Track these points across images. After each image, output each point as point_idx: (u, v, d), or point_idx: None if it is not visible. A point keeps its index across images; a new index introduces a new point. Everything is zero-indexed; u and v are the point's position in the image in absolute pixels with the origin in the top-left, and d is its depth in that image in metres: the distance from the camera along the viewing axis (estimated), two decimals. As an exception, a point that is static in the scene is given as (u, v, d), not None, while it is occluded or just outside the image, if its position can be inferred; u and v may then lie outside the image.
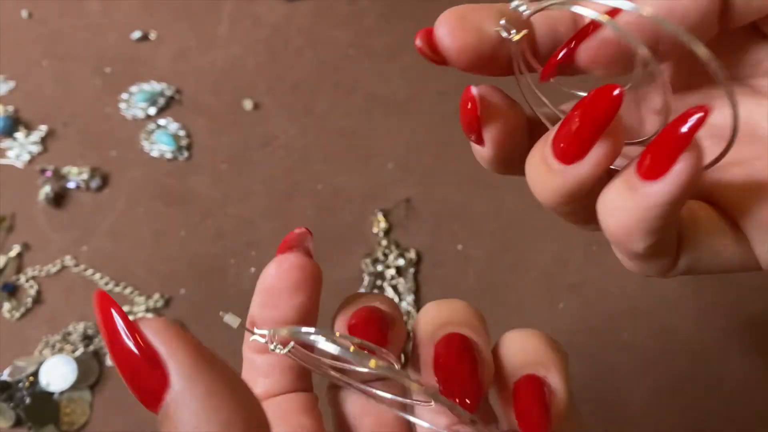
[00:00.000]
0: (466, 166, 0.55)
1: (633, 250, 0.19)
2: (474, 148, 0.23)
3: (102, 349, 0.49)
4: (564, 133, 0.18)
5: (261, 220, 0.53)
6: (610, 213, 0.19)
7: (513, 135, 0.22)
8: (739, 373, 0.47)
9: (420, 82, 0.58)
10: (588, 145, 0.18)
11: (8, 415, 0.46)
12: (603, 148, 0.18)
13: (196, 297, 0.51)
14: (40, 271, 0.52)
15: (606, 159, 0.18)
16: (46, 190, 0.53)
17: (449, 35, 0.20)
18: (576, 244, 0.51)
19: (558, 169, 0.19)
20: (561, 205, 0.21)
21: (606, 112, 0.17)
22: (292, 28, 0.61)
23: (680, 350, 0.48)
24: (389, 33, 0.60)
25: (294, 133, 0.56)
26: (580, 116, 0.18)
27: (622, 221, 0.18)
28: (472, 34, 0.20)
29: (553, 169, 0.19)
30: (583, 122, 0.18)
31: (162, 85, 0.58)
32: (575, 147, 0.18)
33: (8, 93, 0.58)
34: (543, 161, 0.20)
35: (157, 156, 0.55)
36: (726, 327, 0.49)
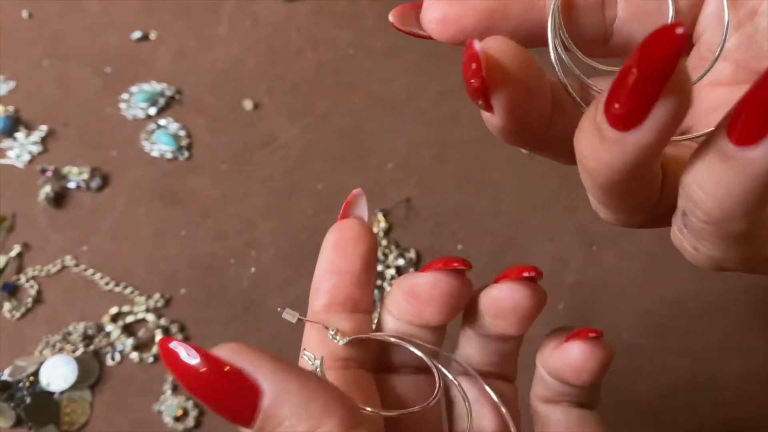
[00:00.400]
0: (466, 166, 0.55)
1: (731, 231, 0.16)
2: (483, 115, 0.19)
3: (102, 349, 0.49)
4: (618, 92, 0.15)
5: (261, 220, 0.53)
6: (707, 191, 0.16)
7: (530, 100, 0.18)
8: (739, 373, 0.47)
9: (420, 82, 0.58)
10: (649, 103, 0.15)
11: (8, 415, 0.46)
12: (668, 106, 0.15)
13: (196, 297, 0.51)
14: (41, 271, 0.52)
15: (673, 120, 0.15)
16: (46, 190, 0.53)
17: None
18: (576, 244, 0.51)
19: (613, 137, 0.16)
20: (620, 183, 0.17)
21: (668, 58, 0.14)
22: (292, 28, 0.61)
23: (680, 350, 0.48)
24: (389, 33, 0.60)
25: (294, 133, 0.56)
26: (638, 67, 0.14)
27: (720, 199, 0.15)
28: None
29: (607, 138, 0.16)
30: (641, 74, 0.14)
31: (162, 85, 0.58)
32: (634, 107, 0.15)
33: (8, 93, 0.58)
34: (595, 130, 0.16)
35: (157, 156, 0.56)
36: (726, 327, 0.49)
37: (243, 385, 0.17)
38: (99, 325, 0.50)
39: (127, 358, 0.49)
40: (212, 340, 0.49)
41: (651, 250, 0.51)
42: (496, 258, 0.51)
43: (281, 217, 0.53)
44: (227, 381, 0.17)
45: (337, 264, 0.24)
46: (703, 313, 0.49)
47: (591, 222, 0.52)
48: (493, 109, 0.18)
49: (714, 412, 0.47)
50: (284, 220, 0.53)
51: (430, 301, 0.23)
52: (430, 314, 0.23)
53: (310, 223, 0.53)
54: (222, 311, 0.50)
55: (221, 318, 0.50)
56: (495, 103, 0.18)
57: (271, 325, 0.49)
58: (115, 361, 0.49)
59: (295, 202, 0.54)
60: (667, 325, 0.49)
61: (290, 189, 0.54)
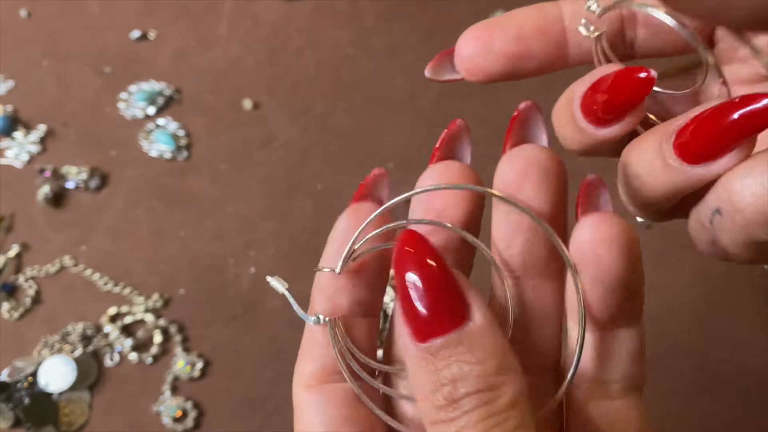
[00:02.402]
0: (466, 166, 0.55)
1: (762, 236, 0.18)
2: (572, 125, 0.23)
3: (101, 350, 0.49)
4: (695, 135, 0.18)
5: (260, 220, 0.53)
6: (756, 198, 0.18)
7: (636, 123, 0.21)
8: (739, 374, 0.47)
9: (420, 82, 0.58)
10: (725, 151, 0.18)
11: (7, 416, 0.46)
12: (741, 151, 0.18)
13: (195, 297, 0.51)
14: (39, 271, 0.51)
15: (740, 160, 0.18)
16: (45, 190, 0.53)
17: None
18: (576, 244, 0.51)
19: (678, 168, 0.19)
20: (666, 200, 0.20)
21: (754, 121, 0.17)
22: (291, 28, 0.61)
23: (680, 351, 0.48)
24: (389, 33, 0.60)
25: (294, 133, 0.56)
26: (716, 122, 0.18)
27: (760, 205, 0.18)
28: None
29: (670, 167, 0.19)
30: (720, 129, 0.18)
31: (161, 85, 0.58)
32: (708, 150, 0.18)
33: (7, 93, 0.58)
34: (659, 156, 0.19)
35: (156, 156, 0.55)
36: (726, 328, 0.49)
37: (456, 296, 0.17)
38: (98, 325, 0.50)
39: (125, 359, 0.49)
40: (212, 340, 0.49)
41: (652, 250, 0.51)
42: (496, 258, 0.51)
43: (281, 217, 0.53)
44: (449, 283, 0.17)
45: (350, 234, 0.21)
46: (703, 313, 0.49)
47: (591, 222, 0.52)
48: (614, 124, 0.21)
49: (714, 412, 0.47)
50: (284, 220, 0.53)
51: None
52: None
53: (310, 223, 0.53)
54: (221, 311, 0.50)
55: (220, 318, 0.50)
56: (626, 118, 0.21)
57: (270, 325, 0.49)
58: (113, 362, 0.49)
59: (295, 202, 0.54)
60: (668, 325, 0.49)
61: (290, 189, 0.54)
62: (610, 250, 0.19)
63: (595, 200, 0.21)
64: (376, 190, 0.23)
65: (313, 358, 0.21)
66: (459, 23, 0.67)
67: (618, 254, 0.19)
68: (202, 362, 0.49)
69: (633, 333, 0.20)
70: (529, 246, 0.21)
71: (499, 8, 0.59)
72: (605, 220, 0.19)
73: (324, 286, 0.21)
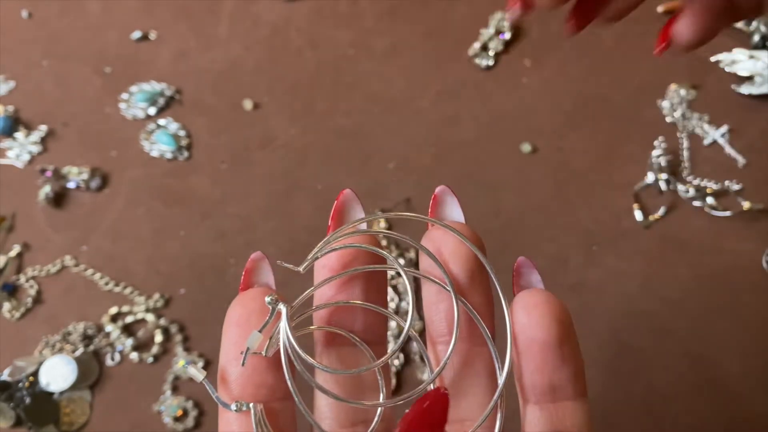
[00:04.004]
0: (466, 166, 0.55)
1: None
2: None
3: (102, 349, 0.49)
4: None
5: (261, 220, 0.53)
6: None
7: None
8: (739, 374, 0.47)
9: (420, 82, 0.58)
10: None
11: (8, 415, 0.46)
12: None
13: (196, 297, 0.51)
14: (40, 271, 0.52)
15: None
16: (46, 190, 0.53)
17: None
18: (576, 244, 0.51)
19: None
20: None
21: None
22: (292, 28, 0.61)
23: (680, 350, 0.48)
24: (389, 33, 0.60)
25: (294, 133, 0.56)
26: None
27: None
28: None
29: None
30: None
31: (162, 85, 0.58)
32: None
33: (8, 93, 0.58)
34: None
35: (157, 156, 0.55)
36: (726, 327, 0.49)
37: None
38: (99, 325, 0.50)
39: (126, 359, 0.49)
40: (212, 341, 0.49)
41: (651, 250, 0.51)
42: (496, 258, 0.51)
43: (281, 217, 0.53)
44: None
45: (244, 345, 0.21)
46: (703, 314, 0.49)
47: (591, 222, 0.52)
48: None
49: (714, 412, 0.47)
50: (284, 220, 0.53)
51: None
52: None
53: (310, 223, 0.53)
54: (222, 311, 0.50)
55: (221, 318, 0.50)
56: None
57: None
58: (114, 362, 0.49)
59: (295, 202, 0.54)
60: (667, 325, 0.49)
61: (290, 189, 0.54)
62: (540, 320, 0.20)
63: (527, 278, 0.23)
64: (259, 275, 0.23)
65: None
66: (459, 23, 0.67)
67: (548, 323, 0.20)
68: (203, 362, 0.49)
69: (577, 406, 0.21)
70: (451, 313, 0.22)
71: (499, 9, 0.59)
72: (536, 295, 0.21)
73: (240, 372, 0.21)
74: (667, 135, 0.55)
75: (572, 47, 0.59)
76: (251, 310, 0.21)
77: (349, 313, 0.23)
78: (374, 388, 0.23)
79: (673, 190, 0.53)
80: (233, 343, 0.21)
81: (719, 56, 0.56)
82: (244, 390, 0.21)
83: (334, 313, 0.23)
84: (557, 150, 0.55)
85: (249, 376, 0.21)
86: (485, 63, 0.58)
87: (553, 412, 0.21)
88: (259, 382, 0.21)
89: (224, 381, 0.21)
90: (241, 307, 0.22)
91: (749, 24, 0.57)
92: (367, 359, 0.23)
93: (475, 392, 0.22)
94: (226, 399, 0.21)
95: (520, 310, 0.21)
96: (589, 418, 0.21)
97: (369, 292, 0.23)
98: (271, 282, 0.23)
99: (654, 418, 0.47)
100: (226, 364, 0.21)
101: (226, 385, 0.21)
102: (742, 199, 0.52)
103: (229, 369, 0.21)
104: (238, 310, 0.22)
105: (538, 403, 0.21)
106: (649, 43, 0.61)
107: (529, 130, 0.55)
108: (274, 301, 0.21)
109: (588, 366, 0.21)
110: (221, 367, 0.22)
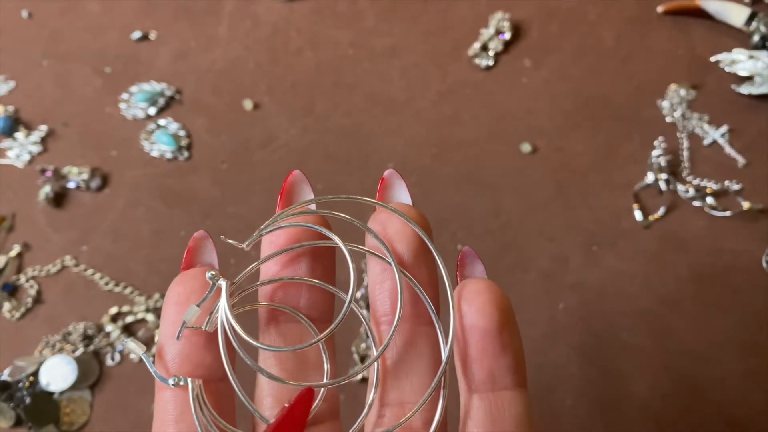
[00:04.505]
0: (465, 166, 0.55)
1: None
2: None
3: (102, 349, 0.49)
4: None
5: (261, 220, 0.53)
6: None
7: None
8: (739, 374, 0.47)
9: (420, 82, 0.58)
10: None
11: (8, 415, 0.46)
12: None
13: (196, 297, 0.51)
14: (40, 271, 0.52)
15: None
16: (46, 190, 0.53)
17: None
18: (575, 244, 0.51)
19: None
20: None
21: None
22: (292, 28, 0.61)
23: (680, 350, 0.48)
24: (389, 33, 0.60)
25: (294, 133, 0.56)
26: None
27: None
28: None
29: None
30: None
31: (162, 85, 0.58)
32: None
33: (8, 93, 0.58)
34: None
35: (157, 156, 0.56)
36: (726, 327, 0.49)
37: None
38: (99, 325, 0.50)
39: (127, 359, 0.49)
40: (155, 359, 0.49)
41: (651, 250, 0.51)
42: (496, 258, 0.51)
43: (281, 217, 0.53)
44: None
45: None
46: (703, 313, 0.49)
47: (591, 222, 0.52)
48: None
49: (714, 412, 0.47)
50: (284, 220, 0.53)
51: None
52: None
53: (310, 223, 0.53)
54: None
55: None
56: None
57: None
58: (115, 362, 0.49)
59: (295, 202, 0.54)
60: (667, 325, 0.49)
61: (290, 189, 0.54)
62: (481, 307, 0.21)
63: (471, 268, 0.23)
64: (202, 254, 0.23)
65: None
66: (459, 23, 0.67)
67: (489, 311, 0.20)
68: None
69: (517, 395, 0.21)
70: (395, 293, 0.22)
71: (499, 9, 0.59)
72: (478, 283, 0.21)
73: (178, 350, 0.21)
74: (667, 135, 0.55)
75: (572, 47, 0.59)
76: (192, 289, 0.21)
77: (295, 289, 0.22)
78: (318, 365, 0.23)
79: (672, 190, 0.53)
80: (171, 321, 0.21)
81: (719, 56, 0.56)
82: (180, 369, 0.21)
83: (279, 289, 0.22)
84: (557, 150, 0.55)
85: (186, 355, 0.21)
86: (485, 63, 0.58)
87: (492, 401, 0.21)
88: (197, 361, 0.21)
89: (162, 359, 0.21)
90: (181, 286, 0.21)
91: (749, 24, 0.57)
92: (311, 336, 0.22)
93: (419, 372, 0.22)
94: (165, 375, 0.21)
95: (462, 298, 0.21)
96: (528, 408, 0.21)
97: (315, 269, 0.23)
98: (214, 262, 0.23)
99: (654, 418, 0.47)
100: (164, 342, 0.21)
101: (163, 364, 0.21)
102: (741, 199, 0.52)
103: (166, 347, 0.21)
104: (178, 288, 0.21)
105: (477, 391, 0.21)
106: (649, 43, 0.61)
107: (529, 130, 0.55)
108: (214, 276, 0.21)
109: (588, 366, 0.21)
110: (158, 345, 0.21)
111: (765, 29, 0.56)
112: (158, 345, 0.21)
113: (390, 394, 0.22)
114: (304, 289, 0.23)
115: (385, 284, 0.22)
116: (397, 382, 0.22)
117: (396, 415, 0.22)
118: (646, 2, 0.60)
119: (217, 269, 0.22)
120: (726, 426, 0.46)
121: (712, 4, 0.58)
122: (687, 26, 0.59)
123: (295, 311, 0.22)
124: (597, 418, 0.47)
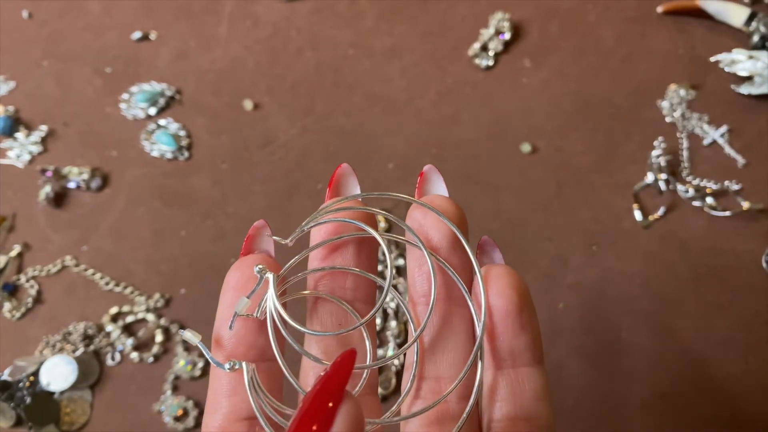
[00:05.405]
0: (466, 166, 0.55)
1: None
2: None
3: (102, 349, 0.49)
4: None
5: (261, 220, 0.53)
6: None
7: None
8: (739, 374, 0.48)
9: (420, 82, 0.58)
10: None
11: (9, 415, 0.46)
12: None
13: (196, 297, 0.51)
14: (41, 271, 0.52)
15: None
16: (46, 190, 0.53)
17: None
18: (575, 244, 0.51)
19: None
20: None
21: None
22: (292, 28, 0.61)
23: (680, 350, 0.48)
24: (389, 33, 0.60)
25: (294, 133, 0.56)
26: None
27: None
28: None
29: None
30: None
31: (162, 85, 0.58)
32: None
33: (8, 93, 0.58)
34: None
35: (157, 156, 0.56)
36: (726, 327, 0.49)
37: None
38: (99, 325, 0.50)
39: (127, 358, 0.49)
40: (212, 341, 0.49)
41: (651, 250, 0.51)
42: (496, 258, 0.51)
43: (281, 217, 0.53)
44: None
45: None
46: (703, 313, 0.49)
47: (591, 222, 0.52)
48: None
49: (714, 412, 0.47)
50: (284, 220, 0.53)
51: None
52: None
53: (310, 223, 0.53)
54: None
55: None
56: None
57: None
58: (115, 361, 0.49)
59: (295, 202, 0.54)
60: (667, 325, 0.49)
61: (290, 189, 0.54)
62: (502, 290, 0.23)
63: (490, 255, 0.25)
64: (260, 242, 0.24)
65: (220, 412, 0.22)
66: (459, 23, 0.67)
67: (509, 293, 0.22)
68: (203, 361, 0.49)
69: (535, 372, 0.23)
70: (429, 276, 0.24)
71: (499, 9, 0.59)
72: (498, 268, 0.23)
73: (234, 332, 0.22)
74: (667, 135, 0.55)
75: (572, 47, 0.59)
76: (249, 275, 0.23)
77: (341, 275, 0.24)
78: (360, 347, 0.24)
79: (672, 190, 0.53)
80: (229, 305, 0.23)
81: (719, 56, 0.56)
82: (236, 349, 0.22)
83: (327, 275, 0.24)
84: (557, 150, 0.55)
85: (242, 336, 0.22)
86: (485, 63, 0.58)
87: (513, 376, 0.23)
88: (250, 343, 0.22)
89: (218, 342, 0.23)
90: (239, 272, 0.23)
91: (749, 24, 0.57)
92: (354, 320, 0.24)
93: (454, 348, 0.24)
94: (220, 359, 0.22)
95: (484, 283, 0.23)
96: (545, 383, 0.23)
97: (360, 256, 0.24)
98: (270, 249, 0.24)
99: (654, 418, 0.47)
100: (221, 324, 0.23)
101: (219, 346, 0.23)
102: (741, 199, 0.52)
103: (223, 329, 0.23)
104: (237, 274, 0.23)
105: (499, 368, 0.23)
106: (649, 43, 0.61)
107: (529, 130, 0.55)
108: (261, 270, 0.22)
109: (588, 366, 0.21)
110: (216, 328, 0.23)
111: (765, 29, 0.56)
112: (216, 328, 0.23)
113: (427, 369, 0.23)
114: (348, 276, 0.24)
115: (423, 268, 0.24)
116: (433, 357, 0.24)
117: (432, 388, 0.23)
118: (646, 2, 0.60)
119: (273, 257, 0.24)
120: (726, 426, 0.46)
121: (711, 4, 0.58)
122: (687, 26, 0.59)
123: (338, 299, 0.24)
124: (597, 417, 0.47)
